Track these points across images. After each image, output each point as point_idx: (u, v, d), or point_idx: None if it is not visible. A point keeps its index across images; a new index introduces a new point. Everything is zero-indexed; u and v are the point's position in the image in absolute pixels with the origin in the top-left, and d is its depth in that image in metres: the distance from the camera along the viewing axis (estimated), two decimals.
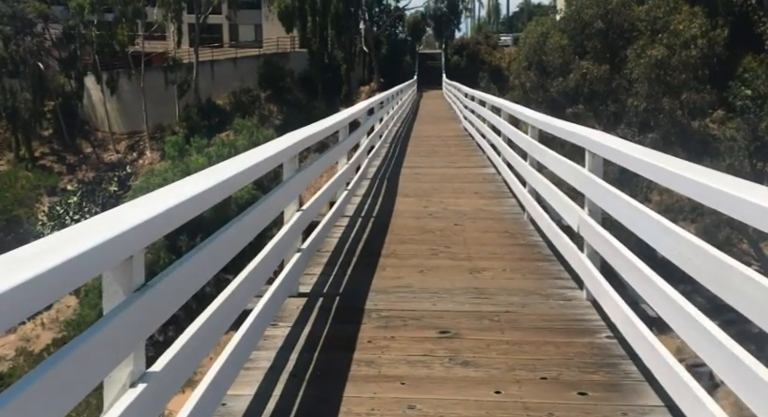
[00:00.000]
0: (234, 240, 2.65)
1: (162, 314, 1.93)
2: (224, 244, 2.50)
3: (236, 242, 2.69)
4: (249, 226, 2.92)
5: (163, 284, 1.89)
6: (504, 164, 8.08)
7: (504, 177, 8.31)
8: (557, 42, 27.56)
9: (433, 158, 11.78)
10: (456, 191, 8.02)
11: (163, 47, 42.48)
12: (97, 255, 1.47)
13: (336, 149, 6.23)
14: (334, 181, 5.81)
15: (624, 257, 3.02)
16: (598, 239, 3.48)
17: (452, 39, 50.05)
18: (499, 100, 9.96)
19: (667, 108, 23.94)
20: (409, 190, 8.06)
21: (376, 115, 10.65)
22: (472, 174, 9.59)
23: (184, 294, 2.10)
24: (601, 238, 3.43)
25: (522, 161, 6.54)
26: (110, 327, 1.58)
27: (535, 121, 5.90)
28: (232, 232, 2.60)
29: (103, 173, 36.05)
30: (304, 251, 4.14)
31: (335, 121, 5.77)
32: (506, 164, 8.00)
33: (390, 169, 10.11)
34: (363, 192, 7.87)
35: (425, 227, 5.97)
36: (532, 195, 5.97)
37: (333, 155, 6.16)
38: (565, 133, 4.61)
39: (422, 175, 9.41)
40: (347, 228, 6.01)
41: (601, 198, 3.53)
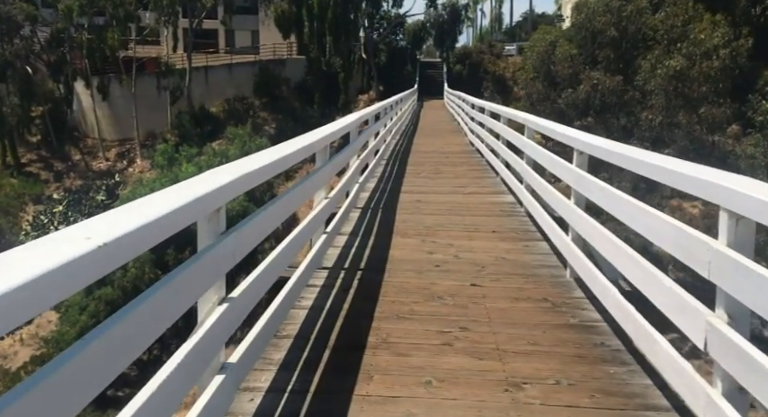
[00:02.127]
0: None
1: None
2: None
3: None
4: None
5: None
6: (529, 194, 6.65)
7: (528, 210, 6.83)
8: (566, 51, 26.26)
9: (436, 180, 10.08)
10: (468, 229, 6.45)
11: (157, 52, 41.10)
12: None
13: (313, 179, 4.54)
14: (306, 224, 4.25)
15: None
16: None
17: (454, 48, 48.75)
18: (519, 113, 8.47)
19: (684, 122, 22.63)
20: (409, 226, 6.54)
21: (371, 128, 9.18)
22: (486, 204, 7.96)
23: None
24: None
25: (560, 196, 5.10)
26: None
27: (585, 145, 4.38)
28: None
29: (91, 182, 34.56)
30: None
31: (307, 143, 4.15)
32: (531, 192, 6.60)
33: (386, 195, 8.53)
34: (351, 229, 6.33)
35: (432, 290, 4.45)
36: (578, 245, 4.48)
37: (309, 185, 4.47)
38: (654, 169, 3.10)
39: (424, 204, 7.84)
40: (322, 292, 4.39)
41: None
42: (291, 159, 3.53)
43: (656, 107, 22.79)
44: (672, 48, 22.65)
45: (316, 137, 4.52)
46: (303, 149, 3.86)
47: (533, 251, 5.61)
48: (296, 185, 3.97)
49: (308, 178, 4.34)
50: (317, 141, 4.44)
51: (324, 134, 4.80)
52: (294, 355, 3.32)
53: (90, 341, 1.45)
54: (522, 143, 7.07)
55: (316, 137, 4.52)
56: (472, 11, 56.43)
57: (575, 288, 4.49)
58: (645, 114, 23.28)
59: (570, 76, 26.20)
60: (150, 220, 1.70)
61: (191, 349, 2.07)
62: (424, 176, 10.41)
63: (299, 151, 3.75)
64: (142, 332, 1.73)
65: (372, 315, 3.91)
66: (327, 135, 4.89)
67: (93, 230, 1.53)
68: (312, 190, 4.53)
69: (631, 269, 3.25)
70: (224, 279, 2.45)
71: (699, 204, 24.87)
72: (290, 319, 3.80)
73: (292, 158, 3.54)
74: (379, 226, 6.59)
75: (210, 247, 2.28)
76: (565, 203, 4.82)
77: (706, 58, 21.12)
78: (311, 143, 4.16)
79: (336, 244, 5.63)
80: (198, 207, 2.09)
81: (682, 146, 22.58)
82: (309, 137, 4.47)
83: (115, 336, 1.55)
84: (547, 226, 5.53)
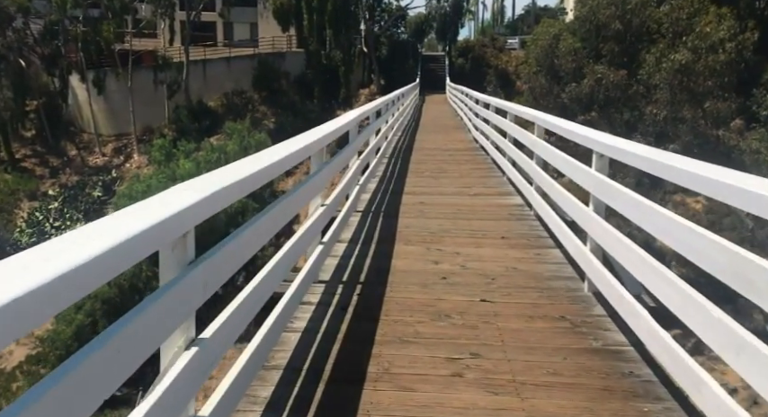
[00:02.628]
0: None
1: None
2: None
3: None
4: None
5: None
6: (539, 196, 6.25)
7: (538, 213, 6.42)
8: (570, 45, 25.80)
9: (440, 179, 9.60)
10: (476, 235, 6.01)
11: (154, 45, 40.56)
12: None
13: (308, 186, 4.00)
14: (300, 235, 3.75)
15: None
16: None
17: (456, 41, 48.21)
18: (528, 109, 8.01)
19: (689, 117, 22.21)
20: (412, 231, 6.10)
21: (372, 126, 8.71)
22: (493, 206, 7.47)
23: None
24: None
25: (575, 201, 4.68)
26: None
27: (607, 147, 3.91)
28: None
29: (87, 178, 34.10)
30: None
31: (299, 147, 3.64)
32: (541, 194, 6.22)
33: (388, 196, 8.03)
34: (350, 236, 5.90)
35: (438, 307, 4.02)
36: (597, 256, 4.05)
37: (303, 194, 3.95)
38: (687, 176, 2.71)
39: (428, 207, 7.34)
40: (318, 311, 3.94)
41: None
42: (278, 168, 3.04)
43: (661, 101, 22.36)
44: (677, 41, 22.20)
45: (310, 138, 4.03)
46: (294, 154, 3.42)
47: (546, 260, 5.19)
48: (285, 196, 3.41)
49: (302, 185, 3.85)
50: (312, 143, 3.96)
51: (319, 135, 4.29)
52: (283, 391, 2.90)
53: (26, 402, 1.19)
54: (532, 142, 6.63)
55: (310, 138, 4.03)
56: (473, 4, 55.76)
57: (594, 304, 4.07)
58: (649, 109, 22.86)
59: (574, 70, 25.76)
60: (88, 259, 1.32)
61: (151, 405, 1.68)
62: (428, 175, 9.93)
63: (290, 157, 3.30)
64: (89, 390, 1.40)
65: (373, 339, 3.50)
66: (323, 136, 4.39)
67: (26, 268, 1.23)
68: (306, 198, 4.03)
69: (660, 285, 2.86)
70: (193, 317, 2.04)
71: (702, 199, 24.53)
72: (281, 345, 3.39)
73: (279, 166, 3.08)
74: (381, 233, 6.15)
75: (175, 281, 1.88)
76: (582, 209, 4.39)
77: (712, 52, 20.69)
78: (304, 146, 3.70)
79: (335, 253, 5.20)
80: (158, 233, 1.69)
81: (686, 142, 22.17)
82: (303, 139, 4.00)
83: (56, 396, 1.25)
84: (560, 231, 5.13)
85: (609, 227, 3.78)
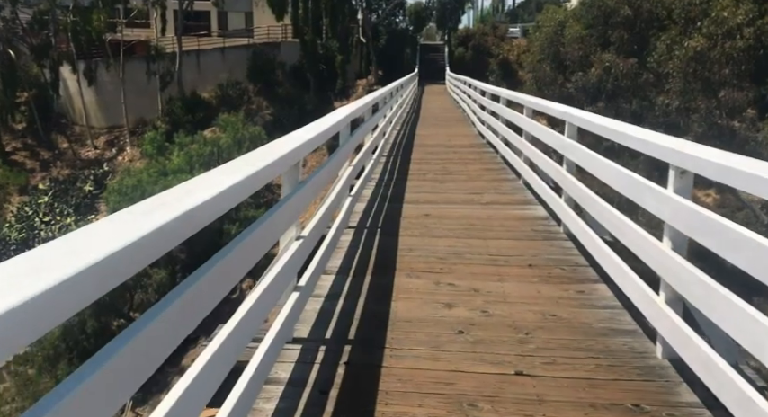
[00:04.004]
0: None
1: None
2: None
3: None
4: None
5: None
6: (571, 210, 5.21)
7: (569, 230, 5.26)
8: (576, 32, 24.85)
9: (446, 183, 8.27)
10: (496, 261, 4.80)
11: (146, 35, 39.47)
12: None
13: (276, 216, 2.80)
14: (270, 283, 2.67)
15: None
16: None
17: (456, 30, 47.09)
18: (555, 105, 6.62)
19: (703, 107, 21.27)
20: (417, 257, 4.94)
21: (367, 124, 7.48)
22: (512, 220, 6.19)
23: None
24: None
25: (637, 230, 3.51)
26: None
27: (695, 162, 2.84)
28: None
29: (78, 171, 33.14)
30: None
31: (263, 165, 2.50)
32: (572, 206, 5.23)
33: (387, 206, 6.81)
34: (339, 265, 4.77)
35: (457, 387, 2.89)
36: (675, 309, 2.98)
37: (270, 227, 2.72)
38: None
39: (434, 220, 6.13)
40: (287, 395, 2.85)
41: None
42: (226, 201, 2.04)
43: (673, 91, 21.43)
44: (690, 28, 21.24)
45: (282, 150, 2.92)
46: (254, 176, 2.33)
47: (594, 301, 4.00)
48: (243, 235, 2.31)
49: (269, 216, 2.68)
50: (282, 158, 2.80)
51: (295, 144, 3.10)
52: None
53: None
54: (563, 144, 5.54)
55: (282, 150, 2.92)
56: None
57: (676, 380, 2.96)
58: (661, 99, 21.92)
59: (580, 59, 24.80)
60: None
61: None
62: (431, 179, 8.71)
63: (247, 181, 2.24)
64: None
65: None
66: (300, 145, 3.18)
67: None
68: (276, 232, 2.90)
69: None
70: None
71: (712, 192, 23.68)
72: None
73: (230, 198, 2.08)
74: (378, 258, 4.99)
75: None
76: (649, 242, 3.26)
77: (729, 38, 19.71)
78: (270, 164, 2.58)
79: (318, 292, 4.11)
80: None
81: (699, 133, 21.27)
82: (273, 151, 2.91)
83: None
84: (608, 262, 3.93)
85: (697, 272, 2.68)
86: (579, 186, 4.92)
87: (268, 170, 2.53)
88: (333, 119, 4.82)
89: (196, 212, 1.74)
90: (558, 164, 5.87)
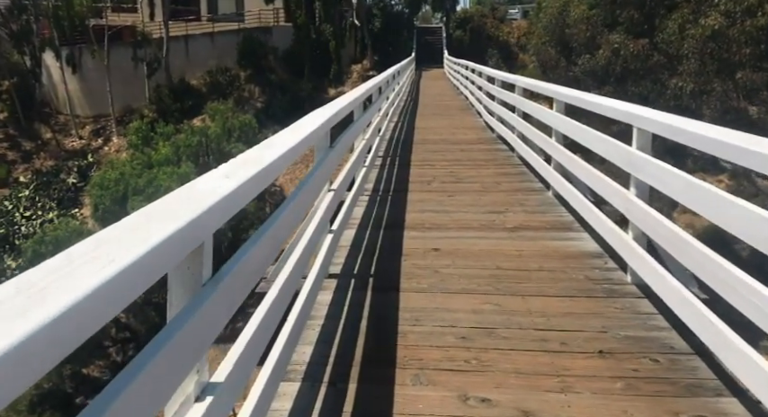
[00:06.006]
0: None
1: None
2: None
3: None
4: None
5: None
6: (645, 253, 3.66)
7: (643, 279, 3.67)
8: (582, 12, 23.54)
9: (456, 197, 6.54)
10: (547, 344, 3.18)
11: (133, 20, 37.90)
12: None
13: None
14: None
15: None
16: None
17: (454, 11, 45.58)
18: (608, 100, 4.77)
19: (719, 89, 20.06)
20: (425, 337, 3.28)
21: (357, 123, 5.95)
22: (553, 257, 4.53)
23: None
24: None
25: None
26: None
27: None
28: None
29: (62, 163, 31.76)
30: None
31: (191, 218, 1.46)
32: (641, 242, 3.80)
33: (383, 235, 5.19)
34: (307, 362, 3.04)
35: None
36: None
37: None
38: None
39: (445, 260, 4.48)
40: None
41: None
42: None
43: (688, 73, 20.19)
44: (703, 5, 19.97)
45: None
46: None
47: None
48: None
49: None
50: None
51: (254, 169, 2.01)
52: None
53: None
54: (629, 159, 3.89)
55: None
56: None
57: None
58: (674, 81, 20.67)
59: (587, 41, 23.53)
60: None
61: None
62: (437, 189, 7.03)
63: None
64: None
65: None
66: (260, 172, 2.04)
67: None
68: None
69: None
70: None
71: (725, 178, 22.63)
72: None
73: None
74: (367, 348, 3.19)
75: None
76: None
77: (749, 16, 18.43)
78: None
79: (280, 406, 2.65)
80: None
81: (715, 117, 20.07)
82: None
83: None
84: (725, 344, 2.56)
85: None
86: (664, 222, 3.33)
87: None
88: (306, 128, 3.22)
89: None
90: (604, 177, 4.48)
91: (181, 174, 20.65)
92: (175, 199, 1.58)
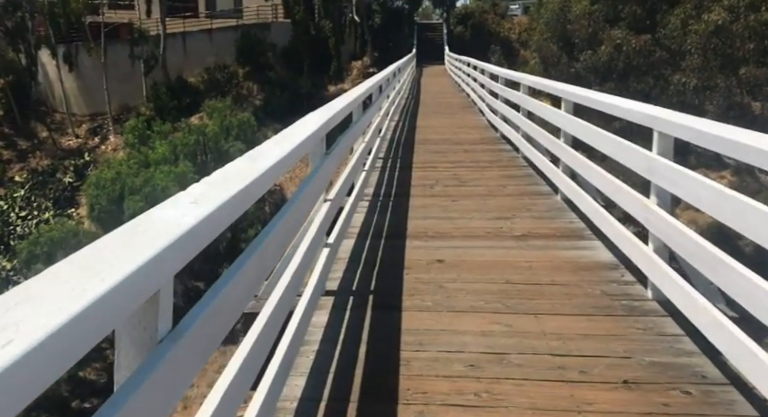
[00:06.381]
0: None
1: None
2: None
3: None
4: None
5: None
6: (668, 268, 3.34)
7: (664, 294, 3.37)
8: (584, 8, 23.26)
9: (461, 201, 6.24)
10: (566, 374, 2.84)
11: (130, 17, 37.52)
12: None
13: None
14: None
15: None
16: None
17: (454, 7, 45.21)
18: (622, 101, 4.45)
19: (723, 86, 19.77)
20: (429, 364, 2.96)
21: (357, 127, 5.68)
22: (566, 269, 4.19)
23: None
24: None
25: None
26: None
27: None
28: None
29: (58, 162, 31.45)
30: None
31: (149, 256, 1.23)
32: (664, 256, 3.46)
33: (383, 245, 4.87)
34: (297, 402, 2.69)
35: None
36: None
37: None
38: None
39: (450, 273, 4.17)
40: None
41: None
42: None
43: (691, 68, 19.89)
44: (705, 1, 19.67)
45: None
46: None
47: None
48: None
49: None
50: None
51: (229, 192, 1.71)
52: None
53: None
54: (648, 166, 3.58)
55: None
56: None
57: None
58: (677, 77, 20.37)
59: (589, 36, 23.24)
60: None
61: None
62: (440, 193, 6.71)
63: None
64: None
65: None
66: (237, 195, 1.74)
67: None
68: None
69: None
70: None
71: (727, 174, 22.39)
72: None
73: None
74: (367, 377, 2.87)
75: None
76: None
77: (753, 11, 18.15)
78: None
79: None
80: None
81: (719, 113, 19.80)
82: None
83: None
84: None
85: None
86: (690, 235, 2.99)
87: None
88: (296, 137, 2.90)
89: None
90: (618, 182, 4.16)
91: (178, 174, 20.38)
92: (124, 237, 1.29)
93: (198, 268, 18.65)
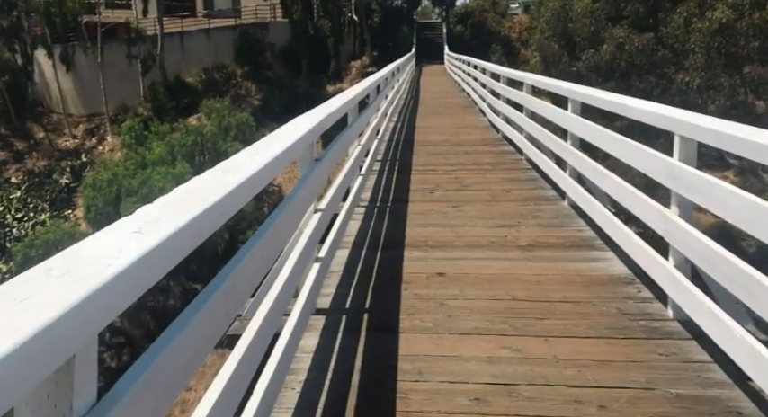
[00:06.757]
0: None
1: None
2: None
3: None
4: None
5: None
6: (690, 284, 3.04)
7: (687, 313, 3.05)
8: (585, 6, 22.98)
9: (463, 207, 5.90)
10: (584, 410, 2.50)
11: (126, 16, 37.21)
12: None
13: None
14: None
15: None
16: None
17: (453, 6, 44.91)
18: (643, 103, 4.07)
19: (727, 84, 19.49)
20: (429, 399, 2.63)
21: (351, 130, 5.37)
22: (577, 284, 3.87)
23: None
24: None
25: None
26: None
27: None
28: None
29: (55, 163, 31.17)
30: None
31: None
32: (690, 274, 3.13)
33: (380, 256, 4.57)
34: None
35: None
36: None
37: None
38: None
39: (452, 289, 3.87)
40: None
41: None
42: None
43: (694, 67, 19.62)
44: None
45: None
46: None
47: None
48: None
49: None
50: None
51: (187, 216, 1.41)
52: None
53: None
54: (668, 173, 3.29)
55: None
56: None
57: None
58: (681, 76, 20.10)
59: (591, 35, 22.96)
60: None
61: None
62: (440, 198, 6.37)
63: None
64: None
65: None
66: (195, 219, 1.44)
67: None
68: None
69: None
70: None
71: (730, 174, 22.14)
72: None
73: None
74: (361, 414, 2.57)
75: None
76: None
77: (757, 8, 17.88)
78: None
79: None
80: None
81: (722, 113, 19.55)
82: None
83: None
84: None
85: None
86: (716, 250, 2.70)
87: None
88: (286, 141, 2.72)
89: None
90: (634, 190, 3.88)
91: (176, 175, 20.10)
92: (29, 284, 1.00)
93: (197, 269, 18.41)
